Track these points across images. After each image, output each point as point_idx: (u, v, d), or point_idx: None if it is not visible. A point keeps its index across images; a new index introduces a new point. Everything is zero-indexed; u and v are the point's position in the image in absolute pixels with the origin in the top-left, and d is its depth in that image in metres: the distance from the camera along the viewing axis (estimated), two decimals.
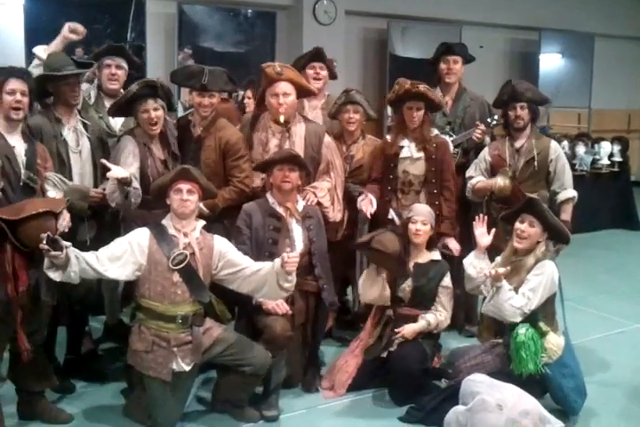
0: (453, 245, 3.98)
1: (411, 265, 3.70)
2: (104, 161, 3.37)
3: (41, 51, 3.69)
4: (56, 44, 3.75)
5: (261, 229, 3.51)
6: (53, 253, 2.84)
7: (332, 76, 4.49)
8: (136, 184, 3.40)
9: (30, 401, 3.28)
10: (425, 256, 3.73)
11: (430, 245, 3.75)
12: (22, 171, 3.01)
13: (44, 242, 2.81)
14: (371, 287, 3.60)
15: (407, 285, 3.67)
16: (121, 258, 3.12)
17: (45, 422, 3.27)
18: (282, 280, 3.16)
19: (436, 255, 3.75)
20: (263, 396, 3.45)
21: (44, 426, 3.26)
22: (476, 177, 4.16)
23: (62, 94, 3.42)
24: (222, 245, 3.30)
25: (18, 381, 3.25)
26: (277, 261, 3.15)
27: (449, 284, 3.72)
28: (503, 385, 3.11)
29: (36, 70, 3.52)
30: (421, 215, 3.68)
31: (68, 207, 3.23)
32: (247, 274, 3.22)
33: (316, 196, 3.76)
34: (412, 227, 3.67)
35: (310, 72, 4.34)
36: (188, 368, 3.19)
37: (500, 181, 4.00)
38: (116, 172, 3.31)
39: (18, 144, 3.05)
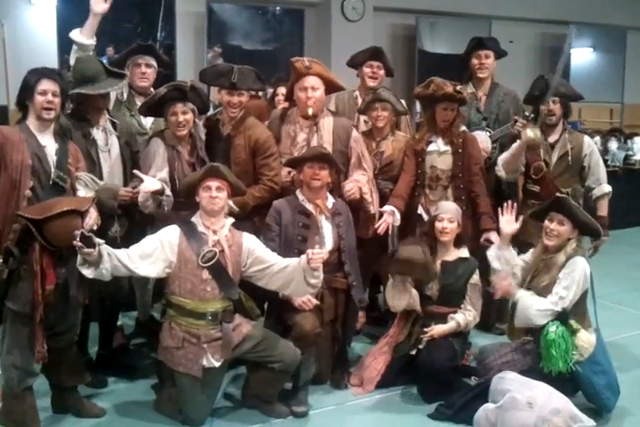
0: (495, 238, 3.95)
1: (438, 263, 3.69)
2: (136, 172, 3.40)
3: (77, 34, 3.70)
4: (90, 25, 3.76)
5: (291, 226, 3.53)
6: (86, 249, 2.88)
7: (389, 73, 4.51)
8: (168, 192, 3.42)
9: (63, 396, 3.33)
10: (453, 254, 3.71)
11: (458, 242, 3.73)
12: (52, 170, 3.03)
13: (77, 239, 2.85)
14: (399, 299, 3.60)
15: (435, 283, 3.65)
16: (152, 255, 3.16)
17: (78, 416, 3.32)
18: (308, 276, 3.17)
19: (464, 253, 3.73)
20: (292, 392, 3.47)
21: (76, 420, 3.31)
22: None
23: (93, 102, 3.45)
24: (251, 243, 3.31)
25: (51, 376, 3.30)
26: (304, 257, 3.16)
27: (477, 281, 3.69)
28: (534, 383, 3.09)
29: (74, 55, 3.57)
30: (448, 213, 3.66)
31: (99, 206, 3.27)
32: (275, 271, 3.24)
33: (361, 190, 3.75)
34: (438, 225, 3.66)
35: (367, 70, 4.38)
36: (217, 364, 3.22)
37: (530, 133, 3.88)
38: (148, 186, 3.33)
39: (49, 144, 3.08)
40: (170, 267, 3.19)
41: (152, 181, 3.36)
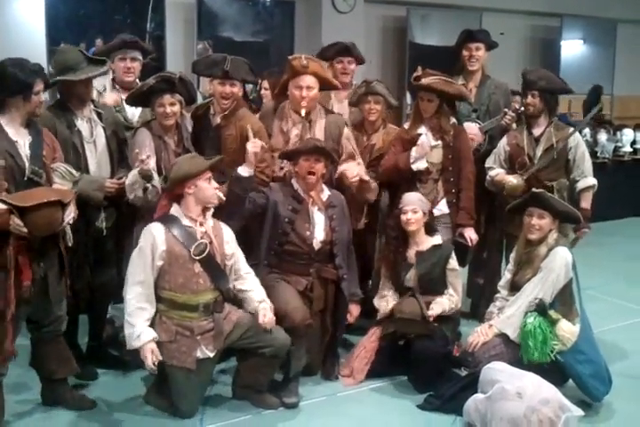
0: (469, 234, 3.97)
1: (412, 254, 3.70)
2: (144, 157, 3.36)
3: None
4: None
5: (281, 205, 3.55)
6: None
7: (360, 61, 4.52)
8: (156, 182, 3.40)
9: (53, 388, 3.33)
10: (426, 243, 3.72)
11: (429, 230, 3.74)
12: (26, 165, 2.97)
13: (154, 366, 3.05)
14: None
15: (412, 274, 3.67)
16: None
17: (69, 409, 3.32)
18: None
19: (437, 240, 3.73)
20: (283, 383, 3.48)
21: (67, 412, 3.30)
22: (496, 169, 4.15)
23: (75, 92, 3.43)
24: (230, 235, 3.36)
25: (39, 368, 3.29)
26: (261, 310, 3.26)
27: (455, 266, 3.73)
28: (523, 373, 3.10)
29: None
30: (410, 204, 3.66)
31: (86, 198, 3.25)
32: (241, 286, 3.34)
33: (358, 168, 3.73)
34: (403, 217, 3.67)
35: (339, 66, 4.40)
36: (211, 355, 3.23)
37: (513, 180, 3.98)
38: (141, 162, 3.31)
39: (21, 137, 3.01)
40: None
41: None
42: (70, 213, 2.99)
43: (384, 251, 3.93)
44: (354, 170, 3.68)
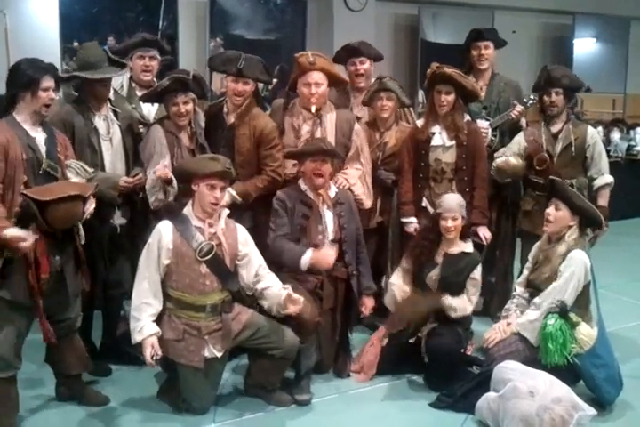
0: (483, 232, 3.96)
1: (441, 254, 3.67)
2: (163, 167, 3.39)
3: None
4: None
5: (292, 215, 3.54)
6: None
7: (376, 58, 4.45)
8: (175, 184, 3.42)
9: (68, 383, 3.35)
10: (457, 247, 3.66)
11: (463, 235, 3.68)
12: (43, 159, 3.02)
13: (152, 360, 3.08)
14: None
15: (434, 274, 3.64)
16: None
17: (83, 404, 3.34)
18: (279, 309, 3.25)
19: (468, 247, 3.67)
20: (295, 380, 3.49)
21: (81, 408, 3.33)
22: (501, 157, 4.12)
23: (94, 90, 3.45)
24: (245, 236, 3.34)
25: (54, 364, 3.31)
26: (285, 293, 3.21)
27: (477, 276, 3.65)
28: (535, 372, 3.11)
29: None
30: (451, 211, 3.57)
31: (100, 196, 3.27)
32: (252, 274, 3.31)
33: (348, 182, 3.78)
34: (443, 223, 3.59)
35: (352, 68, 4.35)
36: (219, 355, 3.23)
37: (513, 160, 4.00)
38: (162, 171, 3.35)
39: (37, 135, 3.07)
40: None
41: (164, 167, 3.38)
42: (90, 207, 3.03)
43: (413, 247, 3.77)
44: (351, 180, 3.78)
